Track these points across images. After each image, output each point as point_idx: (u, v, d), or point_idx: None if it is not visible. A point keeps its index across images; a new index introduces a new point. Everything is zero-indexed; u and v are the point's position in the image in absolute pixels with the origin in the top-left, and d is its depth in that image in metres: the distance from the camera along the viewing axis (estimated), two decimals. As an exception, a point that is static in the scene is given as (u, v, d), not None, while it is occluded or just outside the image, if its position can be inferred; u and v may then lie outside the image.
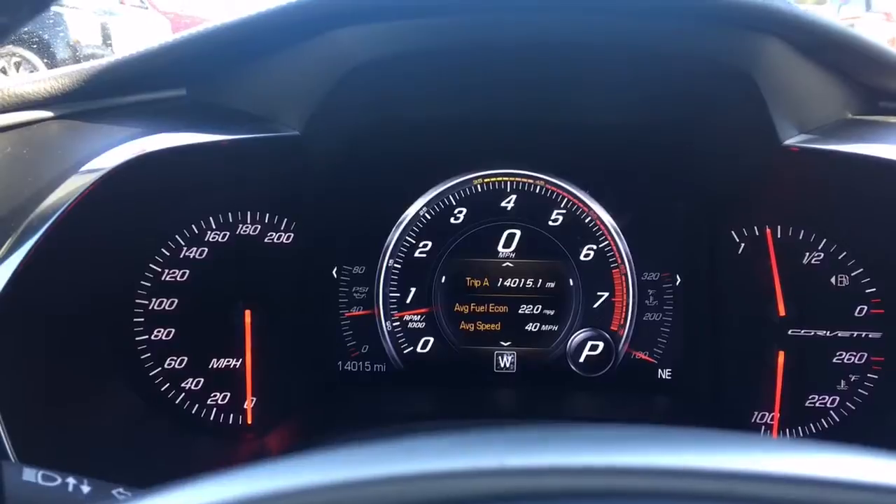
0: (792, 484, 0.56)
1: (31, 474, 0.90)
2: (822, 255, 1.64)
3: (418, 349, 1.74)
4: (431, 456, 0.61)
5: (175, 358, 1.63)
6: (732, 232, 1.66)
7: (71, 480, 0.92)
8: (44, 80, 1.32)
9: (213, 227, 1.65)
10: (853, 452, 0.61)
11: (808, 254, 1.64)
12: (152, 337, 1.62)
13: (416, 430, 0.67)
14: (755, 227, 1.65)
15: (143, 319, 1.61)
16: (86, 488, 0.92)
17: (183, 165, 1.37)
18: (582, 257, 1.73)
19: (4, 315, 1.19)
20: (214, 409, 1.65)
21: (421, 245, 1.73)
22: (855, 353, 1.63)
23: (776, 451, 0.60)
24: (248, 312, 1.63)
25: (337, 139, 1.48)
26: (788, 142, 1.31)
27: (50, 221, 1.23)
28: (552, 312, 1.74)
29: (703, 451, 0.60)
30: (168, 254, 1.62)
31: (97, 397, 1.48)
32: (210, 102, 1.39)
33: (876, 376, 1.62)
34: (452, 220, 1.73)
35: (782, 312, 1.62)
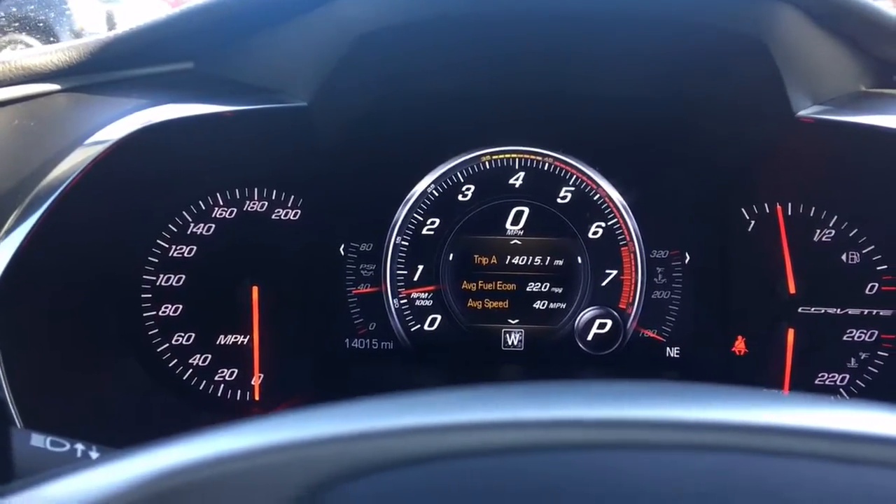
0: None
1: (39, 440, 0.90)
2: (833, 232, 1.62)
3: (426, 327, 1.74)
4: (440, 410, 0.61)
5: (182, 334, 1.63)
6: (742, 209, 1.65)
7: (79, 446, 0.92)
8: (51, 52, 1.32)
9: (221, 203, 1.64)
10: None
11: (818, 231, 1.63)
12: (160, 313, 1.62)
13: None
14: (765, 204, 1.64)
15: (150, 295, 1.61)
16: (94, 454, 0.92)
17: (189, 137, 1.37)
18: (590, 235, 1.71)
19: (11, 286, 1.19)
20: (222, 386, 1.65)
21: (429, 222, 1.72)
22: (865, 331, 1.62)
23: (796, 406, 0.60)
24: (255, 289, 1.63)
25: (345, 112, 1.47)
26: (802, 113, 1.29)
27: (56, 193, 1.23)
28: (560, 290, 1.72)
29: (715, 404, 0.60)
30: (175, 230, 1.62)
31: (105, 371, 1.49)
32: (218, 75, 1.38)
33: (886, 354, 1.62)
34: (460, 197, 1.72)
35: (792, 290, 1.61)
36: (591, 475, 0.54)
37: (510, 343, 1.74)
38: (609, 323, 1.71)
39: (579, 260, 1.72)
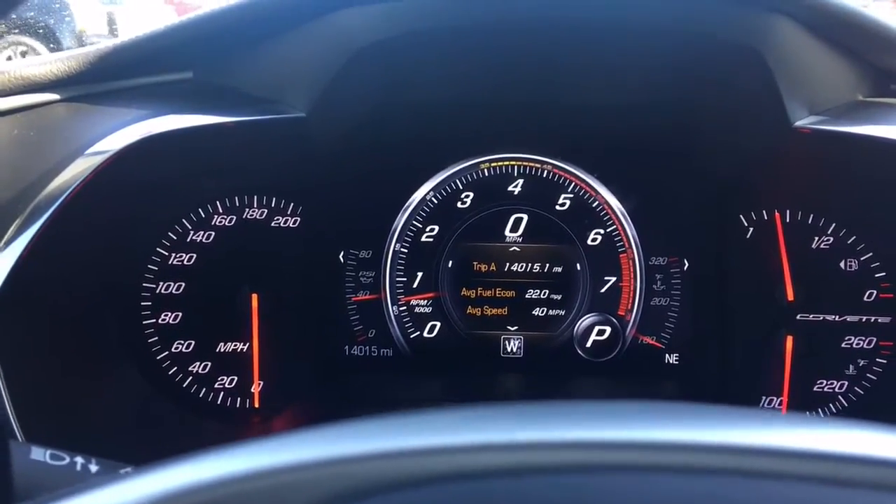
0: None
1: (39, 453, 0.90)
2: (832, 239, 1.63)
3: (425, 334, 1.74)
4: (435, 431, 0.61)
5: (182, 342, 1.63)
6: (741, 216, 1.65)
7: (79, 460, 0.92)
8: (50, 62, 1.32)
9: (220, 211, 1.64)
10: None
11: (816, 238, 1.63)
12: (160, 321, 1.62)
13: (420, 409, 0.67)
14: (764, 212, 1.64)
15: (150, 303, 1.62)
16: (94, 468, 0.92)
17: (189, 148, 1.37)
18: (589, 242, 1.72)
19: (11, 296, 1.19)
20: (222, 393, 1.65)
21: (428, 229, 1.72)
22: (864, 338, 1.62)
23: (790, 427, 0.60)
24: (254, 296, 1.64)
25: (343, 121, 1.47)
26: (799, 123, 1.30)
27: (56, 204, 1.24)
28: (559, 297, 1.73)
29: (710, 425, 0.60)
30: (175, 238, 1.62)
31: (105, 380, 1.49)
32: (216, 85, 1.39)
33: (885, 361, 1.62)
34: (459, 204, 1.72)
35: (791, 297, 1.62)
36: (587, 499, 0.55)
37: (509, 350, 1.74)
38: (608, 330, 1.71)
39: (578, 267, 1.72)
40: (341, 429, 0.61)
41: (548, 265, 1.72)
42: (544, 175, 1.72)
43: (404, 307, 1.74)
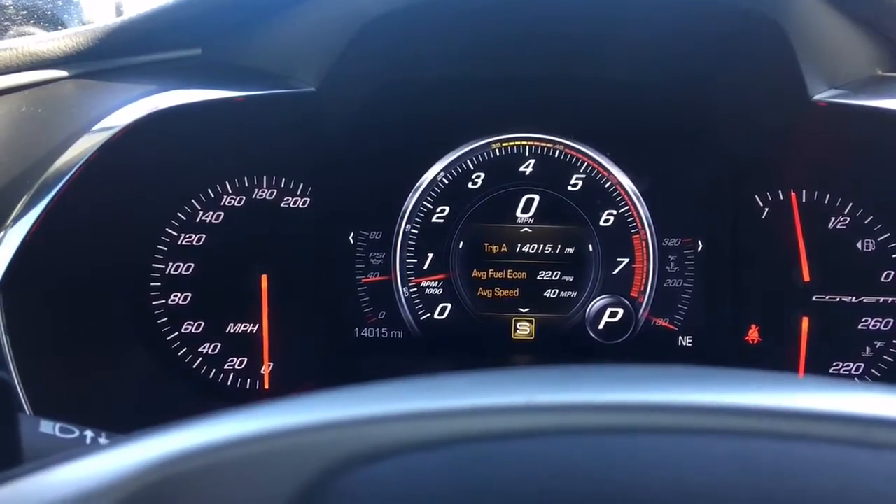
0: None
1: (48, 426, 0.89)
2: (848, 219, 1.61)
3: (435, 316, 1.72)
4: (453, 394, 0.60)
5: (192, 322, 1.63)
6: (756, 196, 1.63)
7: (89, 433, 0.91)
8: (58, 38, 1.31)
9: (230, 191, 1.64)
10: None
11: (833, 218, 1.61)
12: (169, 301, 1.62)
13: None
14: (780, 192, 1.62)
15: (159, 284, 1.61)
16: (104, 441, 0.91)
17: (197, 123, 1.36)
18: (602, 223, 1.70)
19: (20, 273, 1.19)
20: (231, 374, 1.64)
21: (438, 210, 1.71)
22: (881, 320, 1.60)
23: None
24: (264, 277, 1.63)
25: (354, 97, 1.46)
26: (818, 97, 1.27)
27: (64, 180, 1.23)
28: (571, 279, 1.71)
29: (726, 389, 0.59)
30: (184, 218, 1.62)
31: (113, 359, 1.49)
32: (226, 61, 1.37)
33: (902, 343, 1.60)
34: (470, 184, 1.70)
35: (807, 278, 1.60)
36: (605, 462, 0.53)
37: (520, 332, 1.72)
38: (620, 312, 1.69)
39: (590, 248, 1.70)
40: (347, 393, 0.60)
41: (559, 246, 1.71)
42: (556, 155, 1.70)
43: (414, 289, 1.72)
